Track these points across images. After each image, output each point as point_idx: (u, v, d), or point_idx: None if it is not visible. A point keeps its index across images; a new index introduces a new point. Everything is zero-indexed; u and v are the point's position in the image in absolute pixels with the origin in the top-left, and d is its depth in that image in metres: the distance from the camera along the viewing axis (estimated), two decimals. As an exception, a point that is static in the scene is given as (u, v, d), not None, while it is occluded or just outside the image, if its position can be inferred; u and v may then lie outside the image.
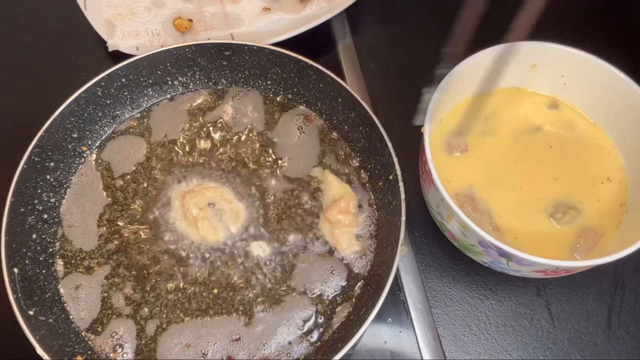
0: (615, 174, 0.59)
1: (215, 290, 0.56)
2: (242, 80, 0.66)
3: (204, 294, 0.55)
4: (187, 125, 0.64)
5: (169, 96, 0.65)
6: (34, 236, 0.56)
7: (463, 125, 0.57)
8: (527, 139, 0.60)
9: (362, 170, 0.61)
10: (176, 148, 0.62)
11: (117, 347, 0.53)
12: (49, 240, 0.57)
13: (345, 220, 0.57)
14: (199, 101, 0.65)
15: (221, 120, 0.64)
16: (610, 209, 0.57)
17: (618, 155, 0.59)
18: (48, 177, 0.59)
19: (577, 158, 0.59)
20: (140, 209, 0.59)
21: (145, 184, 0.60)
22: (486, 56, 0.57)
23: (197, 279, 0.56)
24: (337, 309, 0.55)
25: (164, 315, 0.54)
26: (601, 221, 0.56)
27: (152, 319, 0.54)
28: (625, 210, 0.56)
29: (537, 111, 0.61)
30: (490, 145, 0.59)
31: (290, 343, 0.53)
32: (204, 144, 0.63)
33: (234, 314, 0.55)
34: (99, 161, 0.62)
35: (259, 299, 0.55)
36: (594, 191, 0.58)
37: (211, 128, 0.63)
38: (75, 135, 0.61)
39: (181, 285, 0.56)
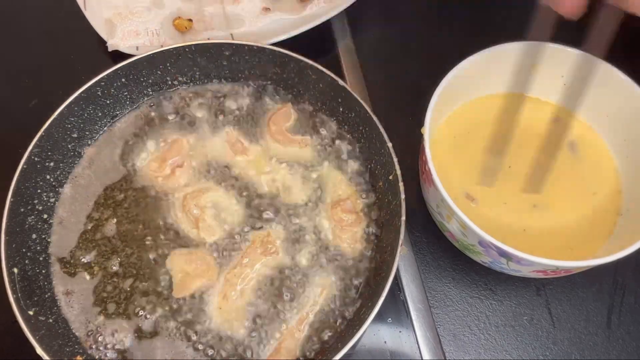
0: (611, 174, 0.59)
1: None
2: (242, 80, 0.66)
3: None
4: (186, 125, 0.64)
5: (168, 96, 0.65)
6: (34, 236, 0.56)
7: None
8: (524, 140, 0.60)
9: (362, 170, 0.61)
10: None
11: (116, 347, 0.53)
12: (48, 240, 0.57)
13: (348, 219, 0.58)
14: (199, 101, 0.65)
15: (221, 120, 0.64)
16: (607, 209, 0.57)
17: (613, 157, 0.59)
18: (48, 177, 0.58)
19: (573, 158, 0.59)
20: (140, 209, 0.59)
21: (145, 184, 0.60)
22: (486, 57, 0.57)
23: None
24: (337, 309, 0.55)
25: (163, 314, 0.55)
26: (599, 222, 0.56)
27: (152, 318, 0.54)
28: (621, 213, 0.57)
29: (534, 117, 0.61)
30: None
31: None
32: (203, 145, 0.62)
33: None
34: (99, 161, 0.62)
35: (261, 299, 0.55)
36: (590, 191, 0.58)
37: (211, 128, 0.63)
38: (75, 135, 0.61)
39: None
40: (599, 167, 0.59)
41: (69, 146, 0.60)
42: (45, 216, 0.58)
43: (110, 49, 0.70)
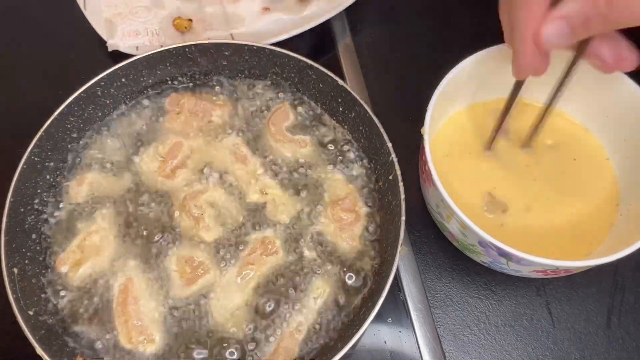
0: (608, 174, 0.59)
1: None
2: (242, 80, 0.65)
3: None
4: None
5: (168, 96, 0.65)
6: (34, 236, 0.56)
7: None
8: (521, 145, 0.60)
9: (361, 170, 0.61)
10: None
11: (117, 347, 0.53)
12: (48, 240, 0.57)
13: (348, 218, 0.57)
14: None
15: (220, 120, 0.64)
16: (606, 209, 0.57)
17: (610, 157, 0.59)
18: (48, 177, 0.59)
19: (570, 159, 0.59)
20: (140, 209, 0.59)
21: (145, 184, 0.60)
22: (486, 57, 0.57)
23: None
24: (337, 309, 0.55)
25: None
26: (598, 221, 0.56)
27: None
28: (620, 213, 0.57)
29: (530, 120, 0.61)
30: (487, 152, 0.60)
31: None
32: (203, 145, 0.62)
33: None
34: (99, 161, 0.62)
35: (261, 298, 0.55)
36: (588, 191, 0.58)
37: (210, 128, 0.63)
38: (75, 135, 0.61)
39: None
40: (596, 166, 0.59)
41: (69, 146, 0.60)
42: (45, 216, 0.58)
43: (110, 49, 0.70)
